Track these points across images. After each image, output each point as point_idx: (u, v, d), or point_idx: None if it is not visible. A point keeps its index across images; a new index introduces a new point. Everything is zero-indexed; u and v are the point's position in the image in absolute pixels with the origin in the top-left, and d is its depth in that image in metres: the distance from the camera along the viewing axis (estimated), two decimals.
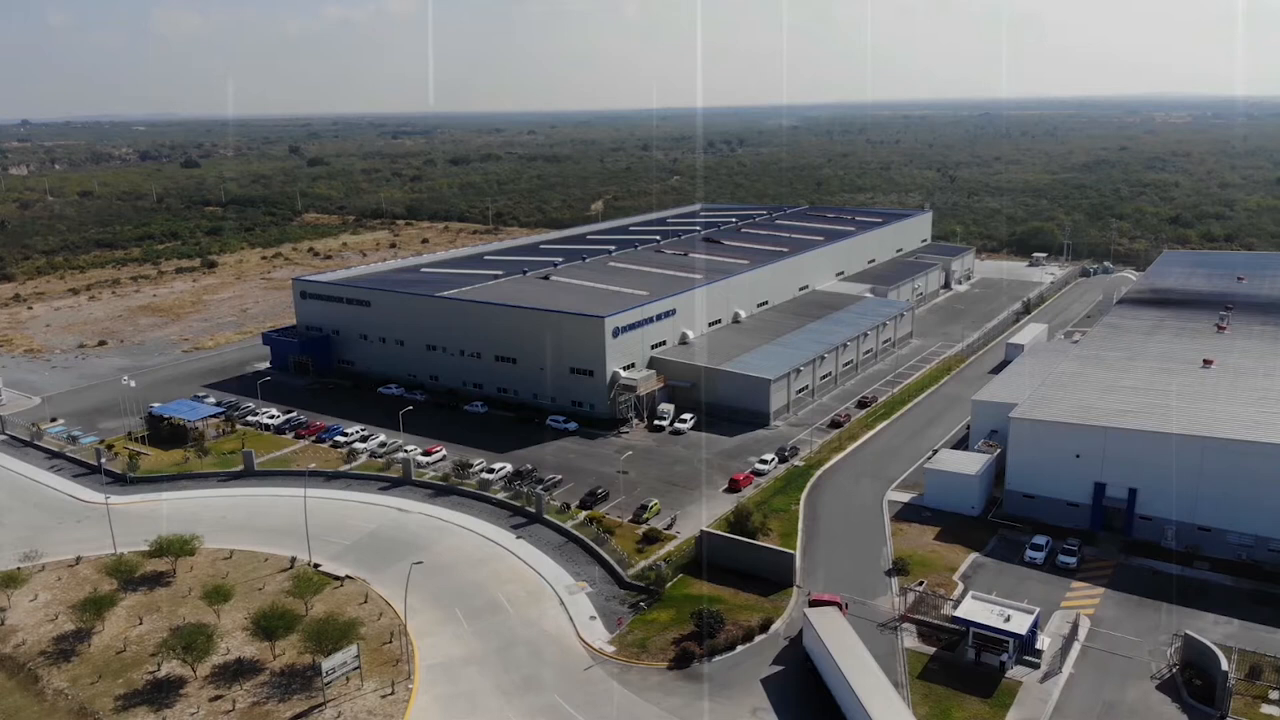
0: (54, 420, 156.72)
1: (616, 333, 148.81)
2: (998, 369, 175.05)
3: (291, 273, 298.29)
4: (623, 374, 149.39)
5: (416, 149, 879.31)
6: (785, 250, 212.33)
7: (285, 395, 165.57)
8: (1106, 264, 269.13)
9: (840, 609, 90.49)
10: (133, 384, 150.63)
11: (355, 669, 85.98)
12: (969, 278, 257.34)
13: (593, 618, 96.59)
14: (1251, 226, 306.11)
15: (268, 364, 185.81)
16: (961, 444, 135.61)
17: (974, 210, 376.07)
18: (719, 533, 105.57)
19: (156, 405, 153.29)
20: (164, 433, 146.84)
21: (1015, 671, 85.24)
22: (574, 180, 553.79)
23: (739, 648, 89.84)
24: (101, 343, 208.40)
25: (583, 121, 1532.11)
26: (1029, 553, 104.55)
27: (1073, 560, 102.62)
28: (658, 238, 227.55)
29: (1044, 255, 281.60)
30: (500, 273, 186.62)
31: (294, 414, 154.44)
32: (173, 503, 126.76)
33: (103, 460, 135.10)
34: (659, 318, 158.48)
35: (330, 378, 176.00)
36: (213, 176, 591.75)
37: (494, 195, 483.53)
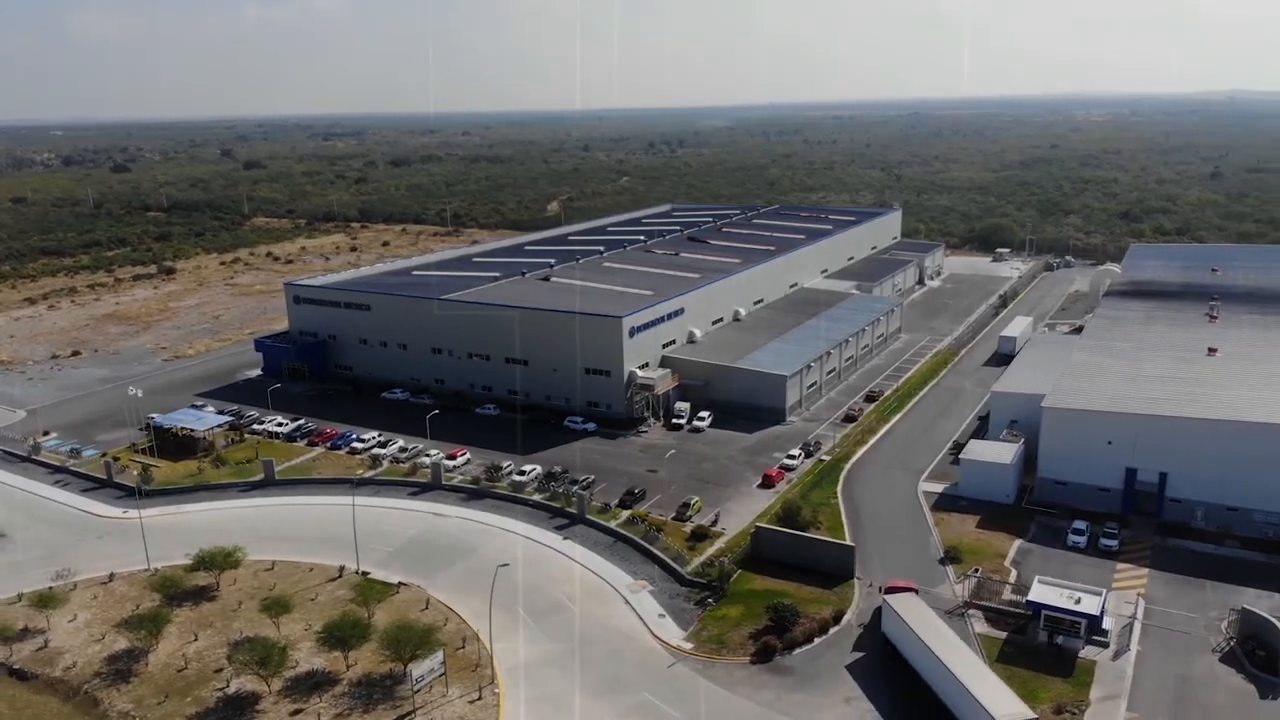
0: (45, 434, 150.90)
1: (633, 332, 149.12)
2: (991, 361, 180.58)
3: (254, 278, 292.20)
4: (639, 373, 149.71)
5: (352, 150, 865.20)
6: (772, 249, 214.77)
7: (285, 402, 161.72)
8: (1068, 258, 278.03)
9: (916, 594, 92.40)
10: (140, 394, 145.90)
11: (440, 675, 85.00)
12: (939, 273, 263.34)
13: (662, 615, 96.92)
14: (1199, 220, 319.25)
15: (259, 371, 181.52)
16: (976, 434, 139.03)
17: (926, 208, 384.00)
18: (775, 528, 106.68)
19: (157, 415, 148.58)
20: (170, 443, 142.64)
21: (1086, 651, 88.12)
22: (524, 181, 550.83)
23: (816, 639, 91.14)
24: (75, 353, 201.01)
25: (516, 122, 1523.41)
26: (1071, 537, 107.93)
27: (1114, 543, 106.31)
28: (642, 238, 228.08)
29: (1007, 251, 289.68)
30: (498, 274, 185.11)
31: (302, 421, 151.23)
32: (196, 515, 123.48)
33: (134, 474, 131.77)
34: (669, 317, 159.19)
35: (328, 383, 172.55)
36: (148, 181, 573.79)
37: (444, 197, 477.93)
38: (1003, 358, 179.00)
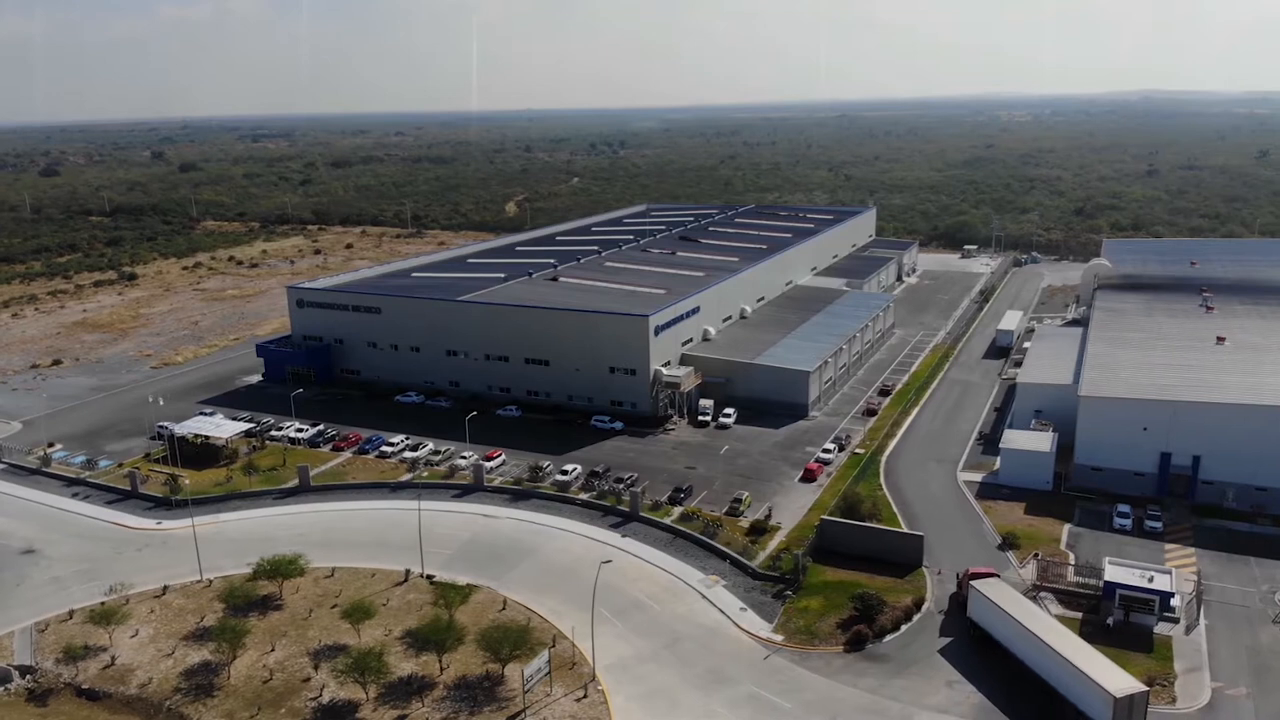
0: (51, 445, 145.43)
1: (657, 331, 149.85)
2: (990, 354, 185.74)
3: (220, 283, 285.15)
4: (664, 371, 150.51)
5: (286, 152, 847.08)
6: (764, 248, 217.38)
7: (294, 407, 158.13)
8: (1034, 254, 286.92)
9: (1000, 579, 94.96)
10: (161, 401, 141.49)
11: (546, 674, 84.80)
12: (915, 270, 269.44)
13: (743, 609, 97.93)
14: (1149, 217, 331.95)
15: (260, 376, 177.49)
16: (998, 424, 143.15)
17: (884, 207, 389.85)
18: (841, 520, 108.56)
19: (170, 424, 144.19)
20: (189, 452, 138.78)
21: (1159, 627, 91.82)
22: (474, 182, 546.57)
23: (903, 627, 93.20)
24: (55, 362, 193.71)
25: (447, 123, 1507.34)
26: (1117, 520, 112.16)
27: (1159, 525, 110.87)
28: (631, 238, 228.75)
29: (974, 248, 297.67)
30: (502, 275, 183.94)
31: (322, 426, 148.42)
32: (236, 524, 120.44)
33: (161, 484, 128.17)
34: (687, 315, 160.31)
35: (337, 387, 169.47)
36: (82, 185, 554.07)
37: (396, 198, 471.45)
38: (1000, 350, 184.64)
